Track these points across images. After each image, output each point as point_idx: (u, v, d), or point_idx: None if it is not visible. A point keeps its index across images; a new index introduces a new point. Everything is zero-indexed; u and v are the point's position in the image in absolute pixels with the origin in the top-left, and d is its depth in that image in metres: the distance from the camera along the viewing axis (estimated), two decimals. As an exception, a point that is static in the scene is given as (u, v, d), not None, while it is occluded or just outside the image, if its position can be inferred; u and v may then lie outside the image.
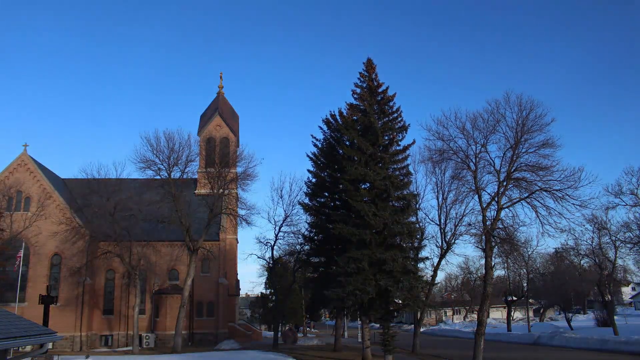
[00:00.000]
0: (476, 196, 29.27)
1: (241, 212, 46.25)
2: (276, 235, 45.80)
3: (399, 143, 28.40)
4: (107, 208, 41.80)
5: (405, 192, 27.64)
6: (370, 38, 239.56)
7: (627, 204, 36.26)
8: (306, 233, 35.23)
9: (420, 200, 38.26)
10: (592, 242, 45.60)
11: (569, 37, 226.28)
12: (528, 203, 28.08)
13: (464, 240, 70.64)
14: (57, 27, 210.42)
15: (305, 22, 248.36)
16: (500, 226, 28.99)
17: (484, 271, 33.30)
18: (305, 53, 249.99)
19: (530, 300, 71.93)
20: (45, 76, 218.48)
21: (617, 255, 45.82)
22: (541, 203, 27.52)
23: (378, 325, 29.16)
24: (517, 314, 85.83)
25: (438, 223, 39.35)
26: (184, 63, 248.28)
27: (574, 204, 26.61)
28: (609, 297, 51.19)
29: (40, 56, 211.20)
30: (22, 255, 42.58)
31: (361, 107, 28.67)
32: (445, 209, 38.73)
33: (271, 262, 47.37)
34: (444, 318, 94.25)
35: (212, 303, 51.08)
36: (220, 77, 66.78)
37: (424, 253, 32.69)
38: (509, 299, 64.30)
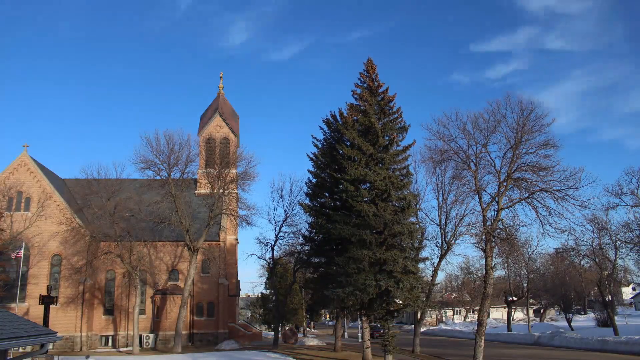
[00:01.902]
0: (476, 196, 29.25)
1: (241, 212, 46.34)
2: (276, 236, 45.84)
3: (399, 143, 28.39)
4: (107, 208, 41.83)
5: (405, 193, 27.61)
6: (371, 37, 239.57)
7: (627, 204, 36.37)
8: (306, 233, 35.22)
9: (421, 201, 38.28)
10: (593, 242, 45.65)
11: (567, 35, 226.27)
12: (528, 203, 28.06)
13: (464, 241, 70.67)
14: (57, 27, 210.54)
15: (306, 22, 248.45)
16: (501, 226, 28.95)
17: (484, 271, 33.24)
18: (305, 53, 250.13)
19: (531, 301, 71.83)
20: (46, 76, 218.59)
21: (618, 255, 45.89)
22: (541, 203, 27.52)
23: (379, 325, 29.19)
24: (518, 314, 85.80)
25: (438, 223, 39.35)
26: (184, 63, 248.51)
27: (574, 204, 26.60)
28: (609, 297, 51.17)
29: (41, 56, 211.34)
30: (21, 255, 42.56)
31: (361, 108, 28.66)
32: (445, 209, 38.74)
33: (271, 262, 47.38)
34: (444, 318, 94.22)
35: (213, 303, 51.07)
36: (221, 77, 66.85)
37: (424, 253, 32.61)
38: (509, 299, 64.28)
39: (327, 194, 31.31)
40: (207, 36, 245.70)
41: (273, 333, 46.60)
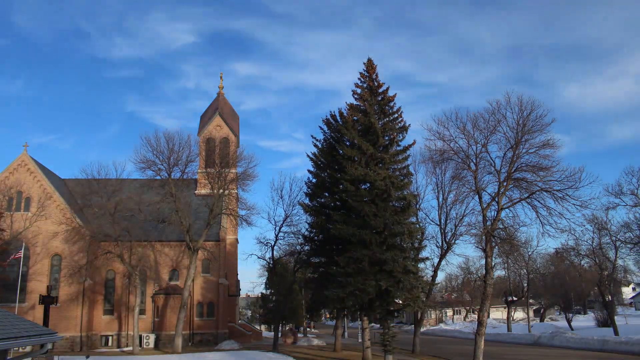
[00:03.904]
0: (476, 196, 29.26)
1: (241, 212, 46.29)
2: (276, 236, 45.70)
3: (399, 143, 28.41)
4: (108, 208, 41.81)
5: (405, 193, 27.61)
6: (372, 37, 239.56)
7: (627, 204, 36.34)
8: (306, 233, 35.17)
9: (421, 201, 38.28)
10: (593, 242, 45.71)
11: (567, 35, 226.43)
12: (528, 203, 28.08)
13: (464, 241, 70.61)
14: (57, 27, 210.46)
15: (306, 21, 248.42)
16: (501, 226, 28.96)
17: (484, 271, 33.28)
18: (305, 53, 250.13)
19: (531, 301, 71.90)
20: (46, 76, 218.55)
21: (618, 255, 45.95)
22: (541, 203, 27.53)
23: (378, 325, 29.23)
24: (518, 314, 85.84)
25: (438, 223, 39.34)
26: (183, 62, 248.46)
27: (574, 204, 26.60)
28: (609, 297, 51.22)
29: (41, 55, 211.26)
30: (22, 255, 42.55)
31: (361, 108, 28.68)
32: (445, 209, 38.73)
33: (271, 262, 47.31)
34: (444, 318, 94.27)
35: (213, 303, 51.09)
36: (221, 77, 66.91)
37: (424, 253, 32.53)
38: (509, 299, 64.34)
39: (327, 194, 31.32)
40: (208, 34, 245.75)
41: (273, 333, 46.58)
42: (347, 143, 29.02)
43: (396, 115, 28.69)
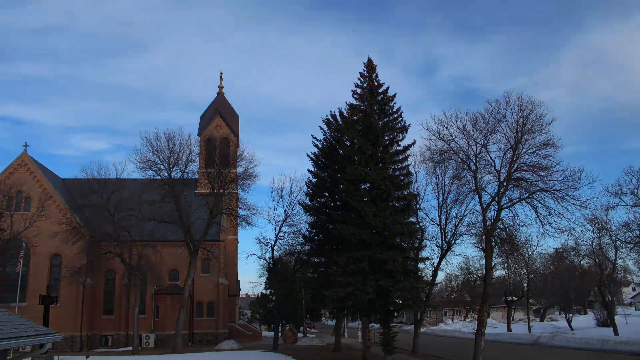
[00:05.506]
0: (476, 196, 29.25)
1: (241, 212, 46.24)
2: (276, 236, 45.70)
3: (399, 143, 28.43)
4: (107, 208, 41.84)
5: (405, 192, 27.63)
6: (372, 36, 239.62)
7: (627, 204, 36.17)
8: (306, 233, 35.19)
9: (421, 201, 38.15)
10: (593, 242, 45.59)
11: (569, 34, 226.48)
12: (528, 203, 28.07)
13: (464, 241, 70.18)
14: (57, 27, 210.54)
15: (306, 19, 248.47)
16: (501, 226, 28.96)
17: (484, 271, 33.29)
18: (305, 51, 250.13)
19: (531, 301, 71.86)
20: (45, 76, 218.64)
21: (618, 255, 45.86)
22: (541, 203, 27.51)
23: (378, 325, 29.23)
24: (518, 314, 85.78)
25: (438, 223, 39.22)
26: (183, 62, 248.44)
27: (574, 204, 26.59)
28: (609, 297, 51.19)
29: (40, 55, 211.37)
30: (22, 255, 42.57)
31: (361, 108, 28.67)
32: (445, 209, 38.60)
33: (271, 262, 47.30)
34: (444, 318, 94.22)
35: (212, 303, 51.12)
36: (221, 77, 66.95)
37: (424, 253, 32.50)
38: (509, 299, 64.27)
39: (327, 194, 31.34)
40: (208, 34, 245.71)
41: (273, 333, 46.59)
42: (347, 143, 29.03)
43: (396, 115, 28.70)
